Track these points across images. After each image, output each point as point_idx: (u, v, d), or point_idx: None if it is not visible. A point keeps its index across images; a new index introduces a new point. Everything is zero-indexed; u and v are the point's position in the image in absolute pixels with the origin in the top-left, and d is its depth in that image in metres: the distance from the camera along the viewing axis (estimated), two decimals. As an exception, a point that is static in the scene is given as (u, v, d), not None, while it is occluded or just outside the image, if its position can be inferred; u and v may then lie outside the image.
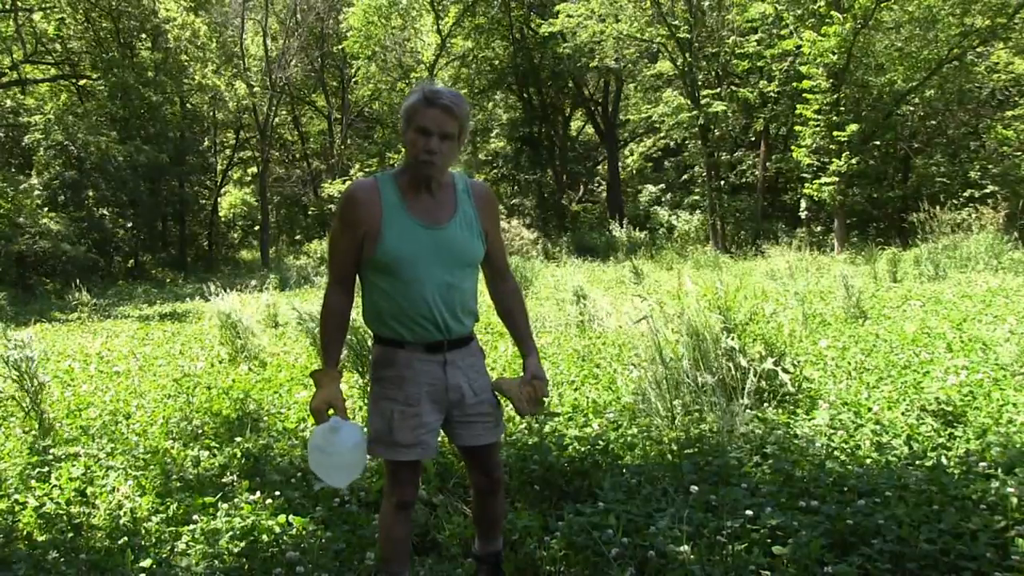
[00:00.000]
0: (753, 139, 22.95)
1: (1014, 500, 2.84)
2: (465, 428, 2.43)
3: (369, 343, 5.25)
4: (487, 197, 2.47)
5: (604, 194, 28.78)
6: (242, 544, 3.02)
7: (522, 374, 2.45)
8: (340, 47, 29.53)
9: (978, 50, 17.37)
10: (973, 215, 12.89)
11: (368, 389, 4.62)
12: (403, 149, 2.35)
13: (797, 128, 18.42)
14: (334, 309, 2.37)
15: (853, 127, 16.22)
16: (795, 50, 17.63)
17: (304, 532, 3.13)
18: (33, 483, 3.83)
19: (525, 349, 2.51)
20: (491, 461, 2.52)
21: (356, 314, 2.67)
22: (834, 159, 16.65)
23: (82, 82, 23.84)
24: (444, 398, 2.38)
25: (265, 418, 4.89)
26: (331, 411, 2.29)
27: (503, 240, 2.60)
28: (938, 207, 13.69)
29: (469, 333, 2.45)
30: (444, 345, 2.36)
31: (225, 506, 3.41)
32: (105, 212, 23.93)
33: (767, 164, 21.58)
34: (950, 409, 3.96)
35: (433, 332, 2.34)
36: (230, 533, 3.09)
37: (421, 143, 2.24)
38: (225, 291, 8.42)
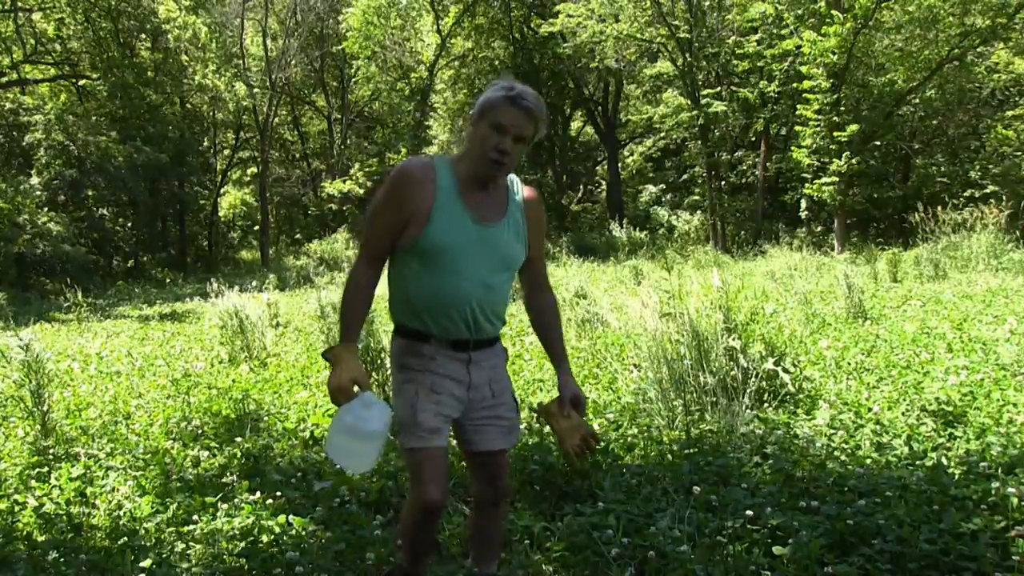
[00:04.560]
0: (753, 139, 22.95)
1: (1015, 500, 2.84)
2: (479, 432, 2.33)
3: (377, 341, 5.27)
4: (536, 204, 2.37)
5: (604, 194, 28.79)
6: (242, 544, 3.01)
7: (558, 393, 2.39)
8: (340, 47, 29.55)
9: (978, 50, 17.37)
10: (976, 215, 12.86)
11: (379, 387, 4.60)
12: (464, 139, 2.24)
13: (797, 128, 18.43)
14: (362, 284, 2.24)
15: (853, 127, 16.22)
16: (795, 50, 17.64)
17: (304, 532, 3.12)
18: (33, 483, 3.83)
19: (560, 367, 2.42)
20: (499, 469, 2.41)
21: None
22: (834, 159, 16.66)
23: (82, 82, 23.84)
24: (465, 396, 2.29)
25: (265, 418, 4.89)
26: (356, 388, 2.16)
27: (544, 252, 2.50)
28: (939, 207, 13.69)
29: (496, 335, 2.35)
30: (470, 344, 2.27)
31: (225, 506, 3.41)
32: (105, 212, 23.94)
33: (767, 164, 21.58)
34: (950, 409, 3.96)
35: (462, 330, 2.24)
36: (230, 533, 3.09)
37: (494, 140, 2.13)
38: (228, 290, 8.43)
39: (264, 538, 3.07)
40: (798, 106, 17.64)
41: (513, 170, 2.27)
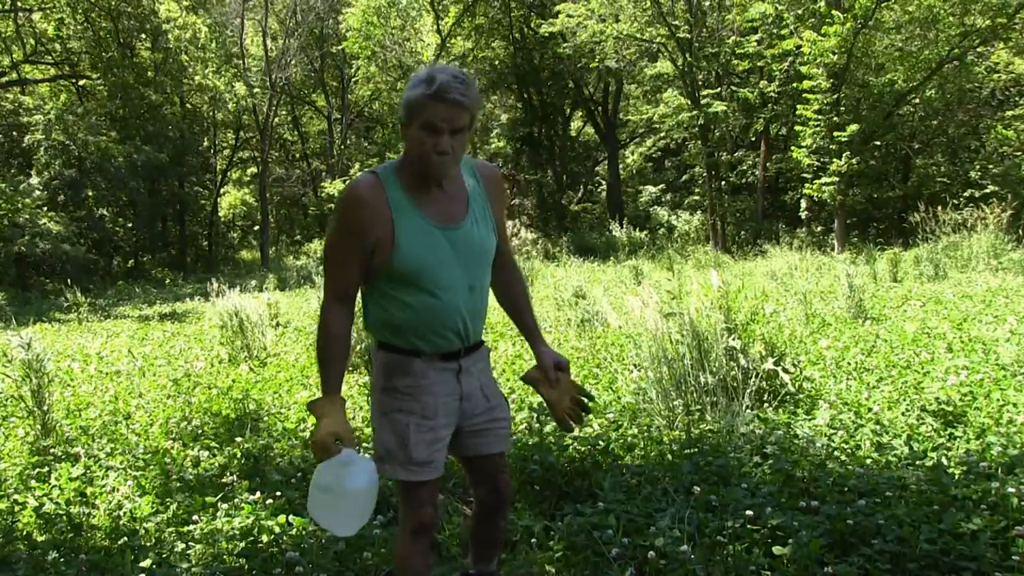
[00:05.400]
0: (753, 139, 22.96)
1: (1015, 500, 2.84)
2: (476, 437, 2.22)
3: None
4: (496, 180, 2.23)
5: (604, 194, 28.80)
6: (242, 544, 3.01)
7: (537, 364, 2.31)
8: (340, 47, 29.56)
9: (978, 50, 17.37)
10: (976, 215, 12.88)
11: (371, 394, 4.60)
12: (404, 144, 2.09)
13: (797, 128, 18.43)
14: (335, 331, 2.09)
15: (853, 127, 16.23)
16: (795, 50, 17.65)
17: (304, 532, 3.12)
18: (33, 483, 3.83)
19: (534, 340, 2.32)
20: (500, 473, 2.31)
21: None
22: (834, 159, 16.66)
23: (82, 82, 23.85)
24: (459, 408, 2.17)
25: (265, 418, 4.89)
26: (338, 443, 2.03)
27: (507, 227, 2.37)
28: (939, 207, 13.70)
29: (481, 337, 2.25)
30: (461, 353, 2.15)
31: (225, 506, 3.41)
32: (105, 212, 23.95)
33: (767, 164, 21.59)
34: (950, 409, 3.96)
35: (454, 341, 2.12)
36: (230, 533, 3.09)
37: (431, 143, 1.97)
38: (229, 289, 8.43)
39: (264, 538, 3.07)
40: (798, 106, 17.64)
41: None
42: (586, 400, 2.30)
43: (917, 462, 3.42)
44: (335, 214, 2.10)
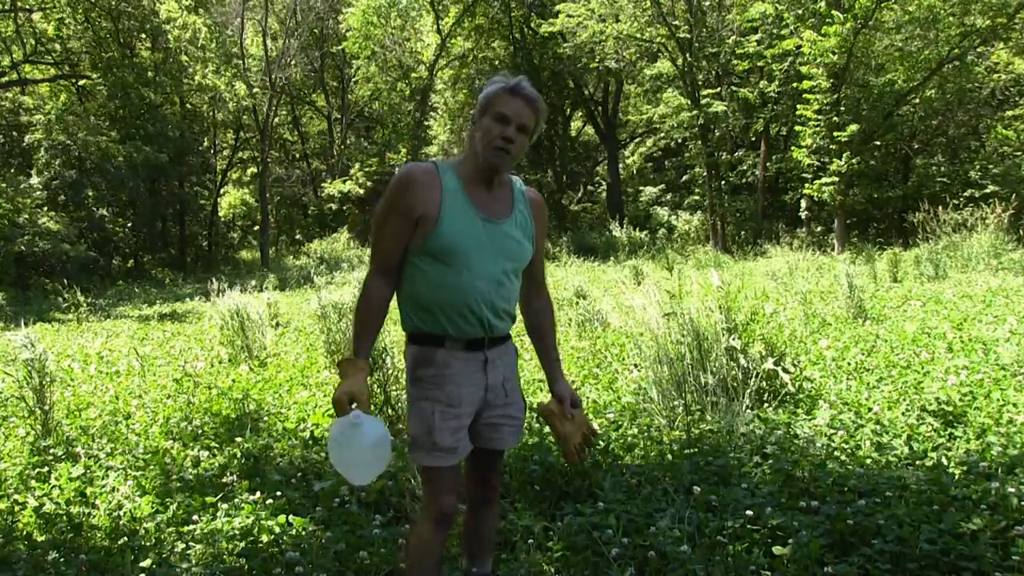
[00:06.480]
0: (753, 139, 22.96)
1: (1015, 500, 2.84)
2: (491, 430, 2.32)
3: (386, 342, 5.26)
4: (541, 205, 2.39)
5: (604, 194, 28.80)
6: (242, 544, 3.01)
7: (551, 396, 2.38)
8: (340, 47, 29.57)
9: (978, 50, 17.38)
10: (978, 215, 12.88)
11: (380, 387, 4.62)
12: (463, 140, 2.20)
13: (797, 128, 18.45)
14: (374, 298, 2.22)
15: (853, 127, 16.23)
16: (795, 50, 17.66)
17: (304, 532, 3.12)
18: (33, 483, 3.83)
19: (552, 370, 2.42)
20: (496, 468, 2.42)
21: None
22: (834, 159, 16.67)
23: (82, 82, 23.84)
24: (482, 398, 2.27)
25: (265, 418, 4.89)
26: (354, 404, 2.12)
27: (544, 253, 2.50)
28: (939, 207, 13.71)
29: (508, 332, 2.36)
30: (485, 342, 2.26)
31: (225, 506, 3.41)
32: (105, 212, 23.93)
33: (767, 164, 21.59)
34: (950, 409, 3.96)
35: (476, 328, 2.23)
36: (230, 533, 3.09)
37: (498, 130, 2.15)
38: (229, 289, 8.43)
39: (264, 538, 3.07)
40: (798, 106, 17.65)
41: (515, 165, 2.28)
42: (592, 437, 2.37)
43: (917, 462, 3.42)
44: (388, 191, 2.23)
